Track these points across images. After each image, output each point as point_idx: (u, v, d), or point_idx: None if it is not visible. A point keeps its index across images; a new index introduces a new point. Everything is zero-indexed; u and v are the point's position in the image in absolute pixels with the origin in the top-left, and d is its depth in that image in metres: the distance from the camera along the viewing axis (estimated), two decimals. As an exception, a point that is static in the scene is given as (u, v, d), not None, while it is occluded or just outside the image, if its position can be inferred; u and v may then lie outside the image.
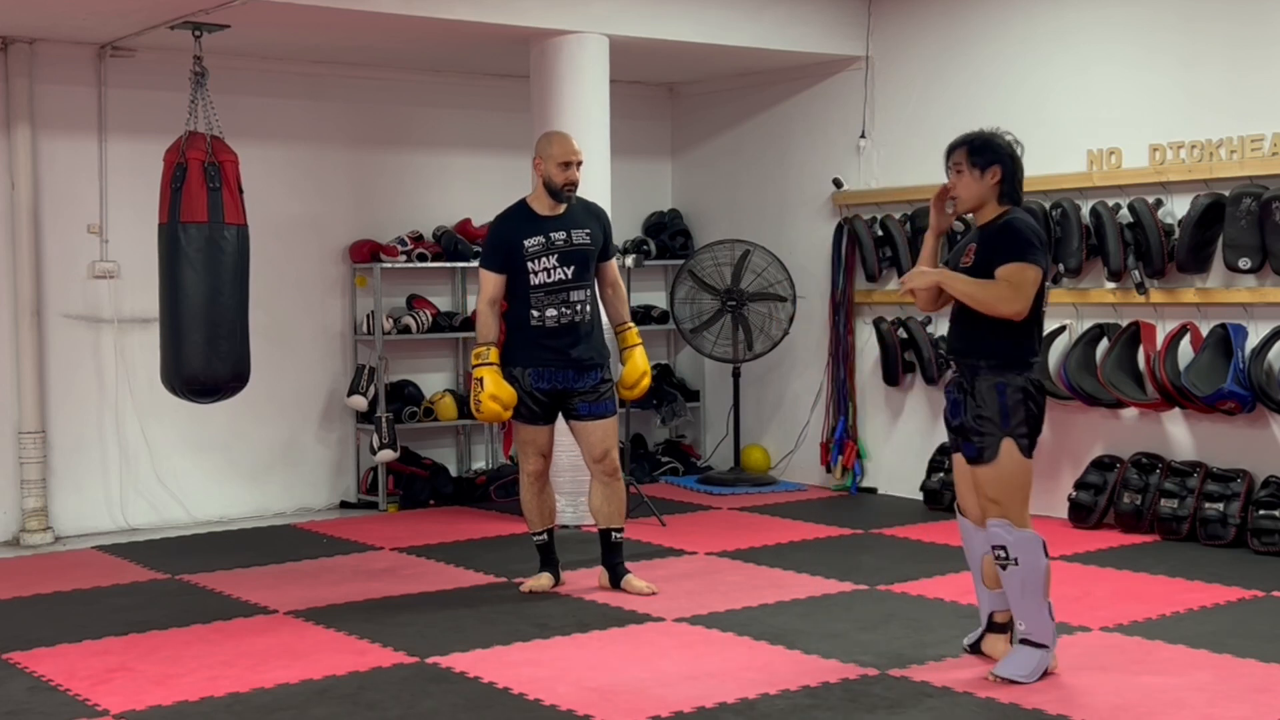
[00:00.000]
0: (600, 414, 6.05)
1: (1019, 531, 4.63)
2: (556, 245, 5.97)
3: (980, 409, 4.62)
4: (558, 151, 5.99)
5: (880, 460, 8.73)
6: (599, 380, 6.05)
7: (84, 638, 5.47)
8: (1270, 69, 6.84)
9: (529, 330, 5.98)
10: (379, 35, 7.65)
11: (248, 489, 8.33)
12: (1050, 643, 4.71)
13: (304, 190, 8.47)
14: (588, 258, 6.04)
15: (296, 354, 8.46)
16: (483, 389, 5.89)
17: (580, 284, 6.00)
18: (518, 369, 6.00)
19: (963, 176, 4.76)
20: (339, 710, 4.55)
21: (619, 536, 6.19)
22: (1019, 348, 4.64)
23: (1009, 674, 4.67)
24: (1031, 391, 4.64)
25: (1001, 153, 4.72)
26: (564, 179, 5.99)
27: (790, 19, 8.32)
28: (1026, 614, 4.67)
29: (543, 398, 6.02)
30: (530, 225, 6.01)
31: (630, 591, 6.07)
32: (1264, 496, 6.73)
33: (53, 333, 7.72)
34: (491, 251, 6.06)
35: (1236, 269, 6.81)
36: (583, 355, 6.00)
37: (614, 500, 6.14)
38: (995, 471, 4.62)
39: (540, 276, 5.95)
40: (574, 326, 5.98)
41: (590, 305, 6.05)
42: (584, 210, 6.12)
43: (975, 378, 4.66)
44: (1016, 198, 4.75)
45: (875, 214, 8.55)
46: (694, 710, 4.49)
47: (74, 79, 7.75)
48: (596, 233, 6.08)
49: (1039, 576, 4.64)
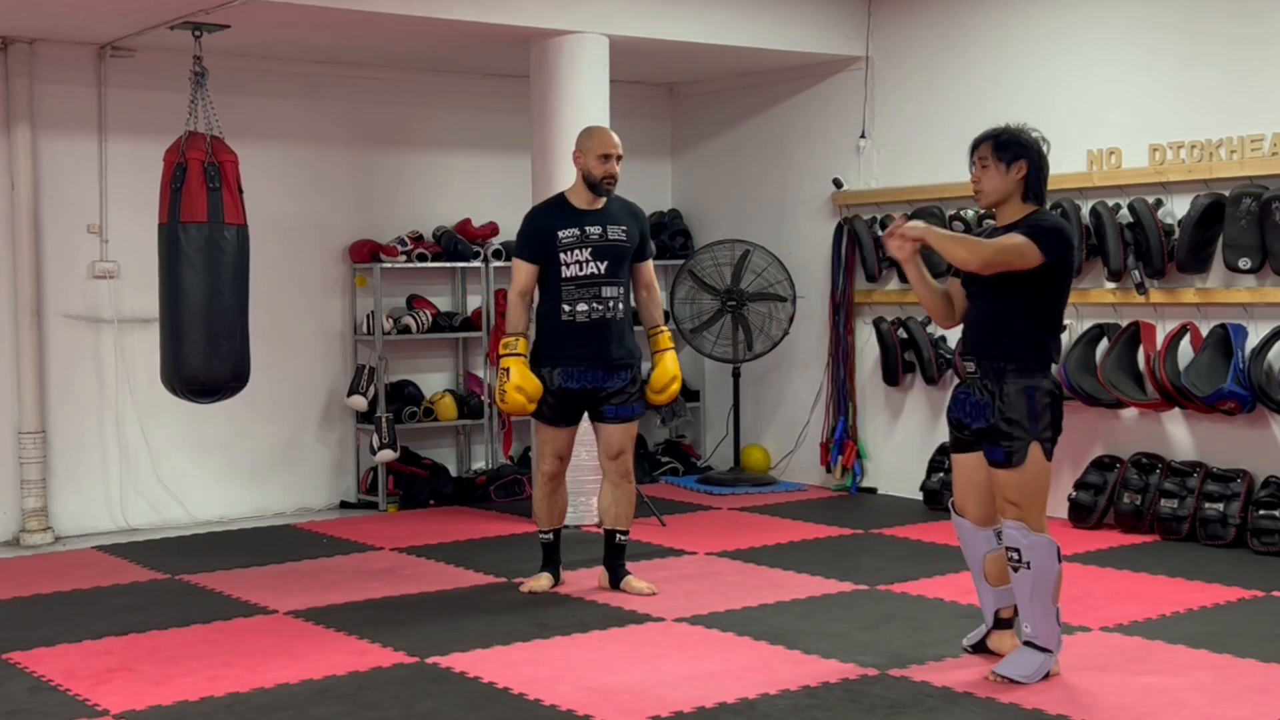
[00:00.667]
0: (625, 417, 6.04)
1: (1035, 535, 4.60)
2: (591, 239, 5.92)
3: (1009, 412, 4.56)
4: (597, 145, 5.95)
5: (880, 460, 8.73)
6: (628, 381, 6.01)
7: (84, 638, 5.47)
8: (1270, 69, 6.84)
9: (559, 325, 5.94)
10: (379, 35, 7.65)
11: (248, 489, 8.33)
12: (1055, 648, 4.70)
13: (304, 190, 8.47)
14: (622, 255, 5.98)
15: (296, 354, 8.46)
16: (509, 379, 5.88)
17: (613, 280, 5.95)
18: (546, 369, 5.96)
19: (988, 170, 4.65)
20: (339, 710, 4.55)
21: (623, 539, 6.17)
22: (1045, 349, 4.60)
23: (1011, 674, 4.66)
24: (1057, 394, 4.61)
25: (1029, 148, 4.63)
26: (603, 172, 5.93)
27: (790, 19, 8.33)
28: (1034, 617, 4.66)
29: (570, 399, 5.98)
30: (566, 217, 5.97)
31: (630, 593, 6.07)
32: (1264, 496, 6.73)
33: (53, 333, 7.72)
34: (525, 241, 6.02)
35: (1236, 269, 6.81)
36: (614, 355, 5.96)
37: (623, 502, 6.12)
38: (1020, 476, 4.57)
39: (572, 269, 5.91)
40: (605, 323, 5.93)
41: (623, 304, 6.01)
42: (623, 208, 6.07)
43: (1002, 380, 4.58)
44: (1041, 196, 4.67)
45: (875, 214, 8.55)
46: (694, 710, 4.49)
47: (74, 79, 7.75)
48: (633, 231, 6.02)
49: (1049, 581, 4.62)
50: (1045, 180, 4.69)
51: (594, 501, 7.72)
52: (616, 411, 6.02)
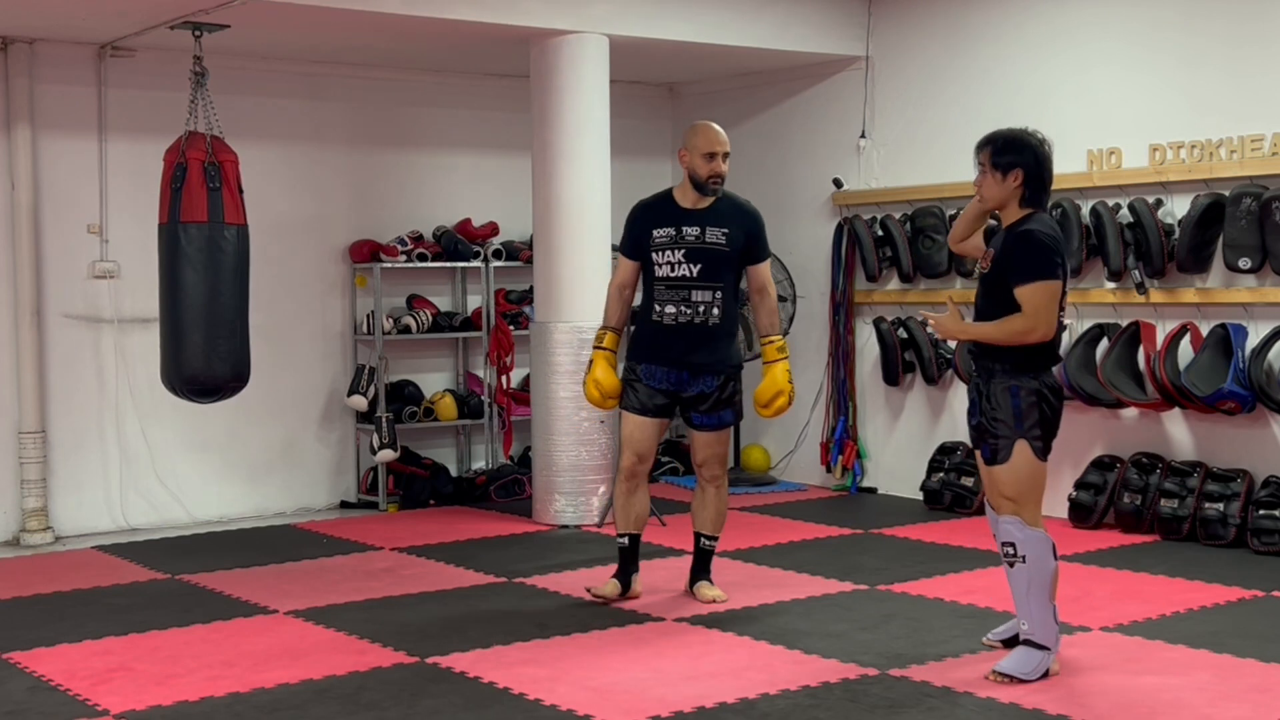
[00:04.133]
0: (711, 425, 5.84)
1: (1030, 530, 4.66)
2: (686, 240, 5.73)
3: (994, 410, 4.65)
4: (702, 142, 5.73)
5: (880, 460, 8.73)
6: (715, 388, 5.77)
7: (84, 638, 5.47)
8: (1270, 69, 6.84)
9: (650, 324, 5.81)
10: (379, 35, 7.65)
11: (248, 489, 8.33)
12: (1053, 645, 4.72)
13: (304, 190, 8.47)
14: (719, 258, 5.73)
15: (296, 354, 8.46)
16: (589, 372, 5.85)
17: (707, 284, 5.72)
18: (632, 362, 5.86)
19: (986, 176, 4.74)
20: (339, 710, 4.55)
21: (708, 544, 6.00)
22: (1033, 352, 4.65)
23: (1011, 671, 4.67)
24: (1045, 394, 4.66)
25: (1025, 155, 4.67)
26: (709, 171, 5.73)
27: (790, 19, 8.33)
28: (1030, 614, 4.68)
29: (655, 395, 5.81)
30: (666, 216, 5.80)
31: (697, 599, 5.93)
32: (1264, 496, 6.73)
33: (53, 333, 7.72)
34: (625, 236, 5.92)
35: (1236, 269, 6.81)
36: (699, 360, 5.74)
37: (709, 506, 5.96)
38: (1010, 472, 4.65)
39: (664, 270, 5.76)
40: (693, 328, 5.72)
41: (719, 309, 5.73)
42: (732, 208, 5.82)
43: (990, 380, 4.68)
44: (1040, 201, 4.72)
45: (875, 214, 8.55)
46: (694, 710, 4.49)
47: (74, 79, 7.75)
48: (737, 234, 5.75)
49: (1046, 577, 4.67)
50: (1046, 184, 4.73)
51: (594, 502, 7.73)
52: (703, 419, 5.83)
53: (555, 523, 7.74)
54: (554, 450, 7.71)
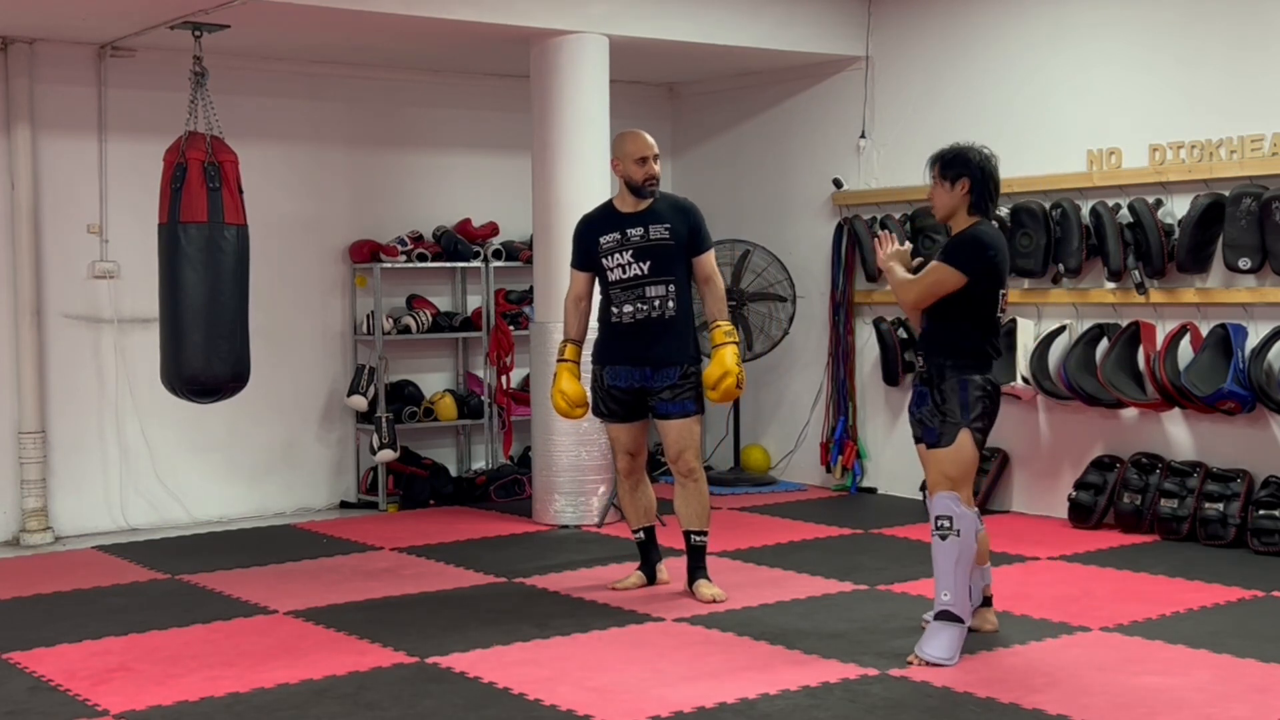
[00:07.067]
0: (676, 414, 5.95)
1: (964, 508, 4.96)
2: (632, 240, 5.92)
3: (945, 402, 5.00)
4: (633, 149, 5.93)
5: (880, 460, 8.73)
6: (677, 378, 5.94)
7: (84, 638, 5.47)
8: (1270, 69, 6.84)
9: (610, 327, 5.99)
10: (379, 35, 7.65)
11: (247, 489, 8.33)
12: (967, 618, 4.98)
13: (304, 190, 8.47)
14: (666, 252, 5.92)
15: (296, 354, 8.46)
16: (553, 384, 6.02)
17: (658, 279, 5.91)
18: (597, 367, 6.04)
19: (937, 189, 5.09)
20: (339, 710, 4.55)
21: (698, 540, 6.05)
22: (979, 350, 5.01)
23: (934, 656, 4.88)
24: (990, 390, 5.02)
25: (971, 166, 5.03)
26: (643, 174, 5.93)
27: (790, 19, 8.33)
28: (954, 587, 4.93)
29: (621, 396, 5.99)
30: (609, 223, 6.00)
31: (697, 597, 5.96)
32: (1264, 496, 6.73)
33: (53, 333, 7.72)
34: (575, 249, 6.11)
35: (1236, 269, 6.81)
36: (657, 354, 5.92)
37: (691, 502, 6.02)
38: (952, 455, 4.96)
39: (616, 273, 5.94)
40: (651, 323, 5.91)
41: (674, 301, 5.94)
42: (669, 206, 6.02)
43: (943, 375, 5.02)
44: (985, 209, 5.07)
45: (875, 214, 8.55)
46: (694, 710, 4.49)
47: (74, 79, 7.75)
48: (679, 228, 5.95)
49: (970, 554, 4.96)
50: (991, 193, 5.07)
51: (594, 502, 7.73)
52: (666, 408, 5.95)
53: (555, 523, 7.75)
54: (554, 450, 7.71)
